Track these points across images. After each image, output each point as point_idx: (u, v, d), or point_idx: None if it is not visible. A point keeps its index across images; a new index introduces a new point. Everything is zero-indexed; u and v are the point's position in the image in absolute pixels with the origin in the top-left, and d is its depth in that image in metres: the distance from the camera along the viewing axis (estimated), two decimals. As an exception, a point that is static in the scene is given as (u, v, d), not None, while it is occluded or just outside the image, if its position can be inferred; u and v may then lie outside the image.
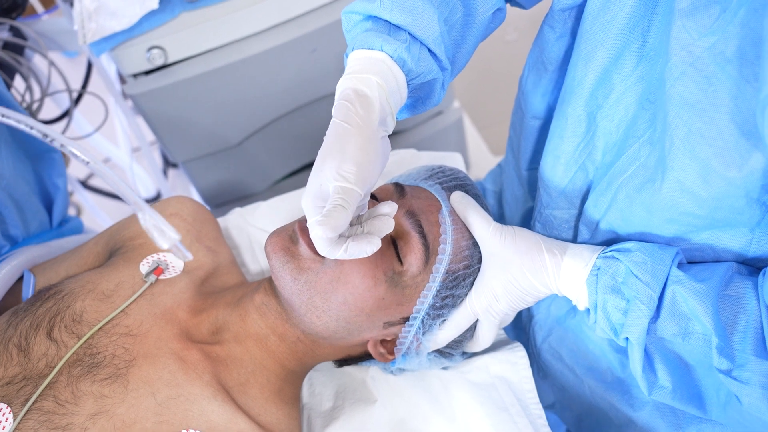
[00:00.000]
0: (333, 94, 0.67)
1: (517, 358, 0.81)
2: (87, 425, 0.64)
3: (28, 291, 0.82)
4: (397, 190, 0.76)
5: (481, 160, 1.84)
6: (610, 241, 0.70)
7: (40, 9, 1.35)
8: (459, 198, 0.75)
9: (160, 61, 1.09)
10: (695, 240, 0.63)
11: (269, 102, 1.21)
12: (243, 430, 0.68)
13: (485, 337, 0.76)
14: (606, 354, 0.79)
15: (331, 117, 0.62)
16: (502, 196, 1.05)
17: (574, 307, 0.81)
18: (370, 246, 0.61)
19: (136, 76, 1.12)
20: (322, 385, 0.83)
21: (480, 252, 0.74)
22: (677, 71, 0.55)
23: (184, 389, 0.68)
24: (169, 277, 0.80)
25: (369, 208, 0.68)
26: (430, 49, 0.66)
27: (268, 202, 1.02)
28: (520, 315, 0.97)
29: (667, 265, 0.62)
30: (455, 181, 0.79)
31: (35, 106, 1.20)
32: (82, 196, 1.55)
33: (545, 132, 0.79)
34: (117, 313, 0.73)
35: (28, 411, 0.65)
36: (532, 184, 0.90)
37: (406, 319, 0.74)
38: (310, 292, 0.71)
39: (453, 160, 1.04)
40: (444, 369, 0.82)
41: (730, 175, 0.54)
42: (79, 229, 1.08)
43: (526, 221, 0.95)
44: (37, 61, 1.31)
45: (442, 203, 0.75)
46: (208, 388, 0.69)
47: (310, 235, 0.59)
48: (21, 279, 0.85)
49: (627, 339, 0.64)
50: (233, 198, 1.37)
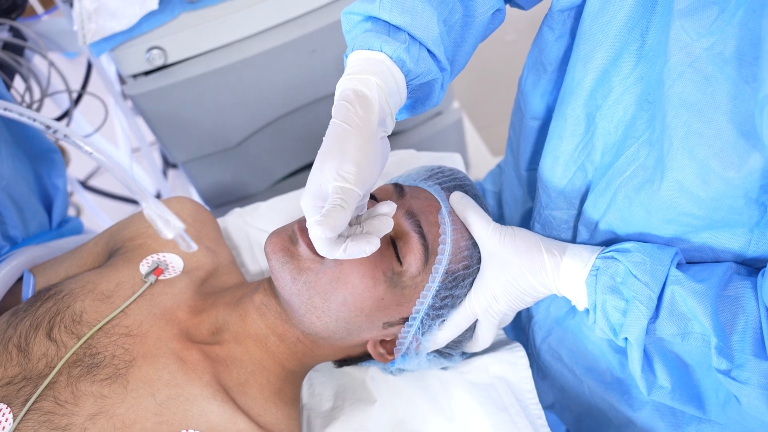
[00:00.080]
0: (332, 95, 0.67)
1: (516, 358, 0.81)
2: (87, 425, 0.64)
3: (28, 291, 0.82)
4: (397, 191, 0.76)
5: (480, 160, 1.84)
6: (609, 241, 0.70)
7: (39, 9, 1.35)
8: (458, 198, 0.75)
9: (159, 62, 1.09)
10: (694, 240, 0.63)
11: (269, 102, 1.21)
12: (242, 431, 0.68)
13: (485, 337, 0.76)
14: (605, 354, 0.79)
15: (330, 117, 0.62)
16: (501, 196, 1.05)
17: (573, 308, 0.81)
18: (369, 246, 0.61)
19: (135, 76, 1.12)
20: (321, 385, 0.83)
21: (479, 252, 0.74)
22: (676, 72, 0.55)
23: (184, 389, 0.68)
24: (168, 278, 0.80)
25: (368, 209, 0.68)
26: (429, 50, 0.66)
27: (267, 203, 1.02)
28: (519, 315, 0.97)
29: (666, 266, 0.62)
30: (454, 182, 0.79)
31: (35, 107, 1.20)
32: (81, 197, 1.56)
33: (544, 132, 0.79)
34: (117, 313, 0.73)
35: (28, 411, 0.65)
36: (532, 184, 0.89)
37: (406, 319, 0.74)
38: (310, 293, 0.71)
39: (452, 161, 1.04)
40: (443, 369, 0.82)
41: (729, 175, 0.54)
42: (78, 230, 1.08)
43: (526, 222, 0.95)
44: (37, 62, 1.32)
45: (441, 203, 0.75)
46: (208, 388, 0.69)
47: (309, 235, 0.59)
48: (21, 279, 0.85)
49: (626, 339, 0.64)
50: (233, 198, 1.37)
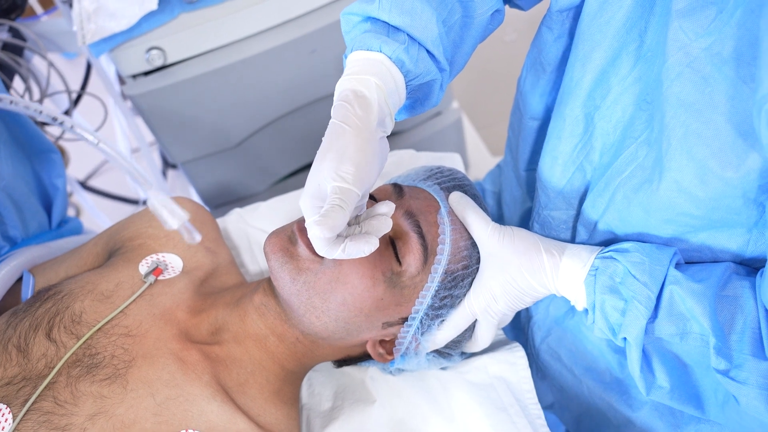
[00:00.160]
0: (332, 95, 0.67)
1: (515, 358, 0.81)
2: (86, 425, 0.64)
3: (28, 292, 0.82)
4: (396, 191, 0.76)
5: (480, 160, 1.84)
6: (608, 241, 0.70)
7: (39, 10, 1.35)
8: (457, 198, 0.75)
9: (159, 62, 1.09)
10: (693, 240, 0.63)
11: (268, 103, 1.21)
12: (242, 431, 0.68)
13: (484, 337, 0.76)
14: (604, 354, 0.79)
15: (329, 118, 0.62)
16: (501, 196, 1.05)
17: (572, 308, 0.81)
18: (368, 246, 0.61)
19: (135, 76, 1.12)
20: (321, 385, 0.83)
21: (478, 252, 0.74)
22: (674, 72, 0.55)
23: (184, 389, 0.68)
24: (168, 278, 0.80)
25: (367, 209, 0.68)
26: (428, 50, 0.66)
27: (267, 203, 1.02)
28: (518, 315, 0.97)
29: (665, 266, 0.62)
30: (454, 182, 0.79)
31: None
32: (81, 197, 1.55)
33: (543, 133, 0.79)
34: (116, 313, 0.73)
35: (28, 411, 0.65)
36: (531, 184, 0.90)
37: (405, 319, 0.74)
38: (309, 293, 0.71)
39: (452, 161, 1.04)
40: (443, 369, 0.82)
41: (727, 175, 0.54)
42: (78, 230, 1.08)
43: (525, 222, 0.95)
44: (37, 62, 1.31)
45: (440, 203, 0.75)
46: (208, 388, 0.69)
47: (308, 235, 0.59)
48: (20, 279, 0.85)
49: (625, 339, 0.64)
50: (232, 199, 1.37)
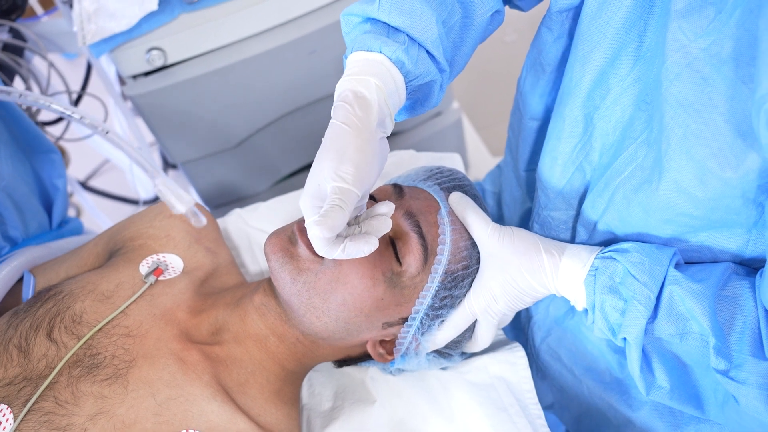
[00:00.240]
0: (332, 96, 0.67)
1: (516, 358, 0.81)
2: (87, 426, 0.65)
3: (28, 292, 0.82)
4: (396, 191, 0.76)
5: (480, 160, 1.84)
6: (608, 241, 0.70)
7: (39, 10, 1.35)
8: (457, 198, 0.75)
9: (159, 63, 1.09)
10: (692, 240, 0.63)
11: (268, 103, 1.21)
12: (242, 431, 0.68)
13: (484, 337, 0.77)
14: (604, 354, 0.79)
15: (329, 118, 0.62)
16: (501, 197, 1.05)
17: (572, 308, 0.81)
18: (367, 246, 0.61)
19: (135, 77, 1.12)
20: (321, 385, 0.83)
21: (478, 252, 0.74)
22: (673, 72, 0.55)
23: (184, 390, 0.69)
24: (168, 278, 0.80)
25: (367, 209, 0.68)
26: (428, 51, 0.66)
27: (267, 203, 1.02)
28: (518, 315, 0.97)
29: (665, 266, 0.62)
30: (454, 182, 0.79)
31: (35, 108, 1.20)
32: (81, 198, 1.56)
33: (543, 133, 0.79)
34: (117, 313, 0.73)
35: (29, 412, 0.65)
36: (531, 185, 0.90)
37: (405, 319, 0.74)
38: (309, 293, 0.71)
39: (452, 161, 1.05)
40: (443, 369, 0.82)
41: (726, 175, 0.54)
42: (78, 230, 1.08)
43: (525, 222, 0.95)
44: (37, 63, 1.32)
45: (440, 204, 0.75)
46: (208, 388, 0.69)
47: (308, 235, 0.59)
48: (21, 280, 0.85)
49: (625, 339, 0.64)
50: (233, 199, 1.37)
